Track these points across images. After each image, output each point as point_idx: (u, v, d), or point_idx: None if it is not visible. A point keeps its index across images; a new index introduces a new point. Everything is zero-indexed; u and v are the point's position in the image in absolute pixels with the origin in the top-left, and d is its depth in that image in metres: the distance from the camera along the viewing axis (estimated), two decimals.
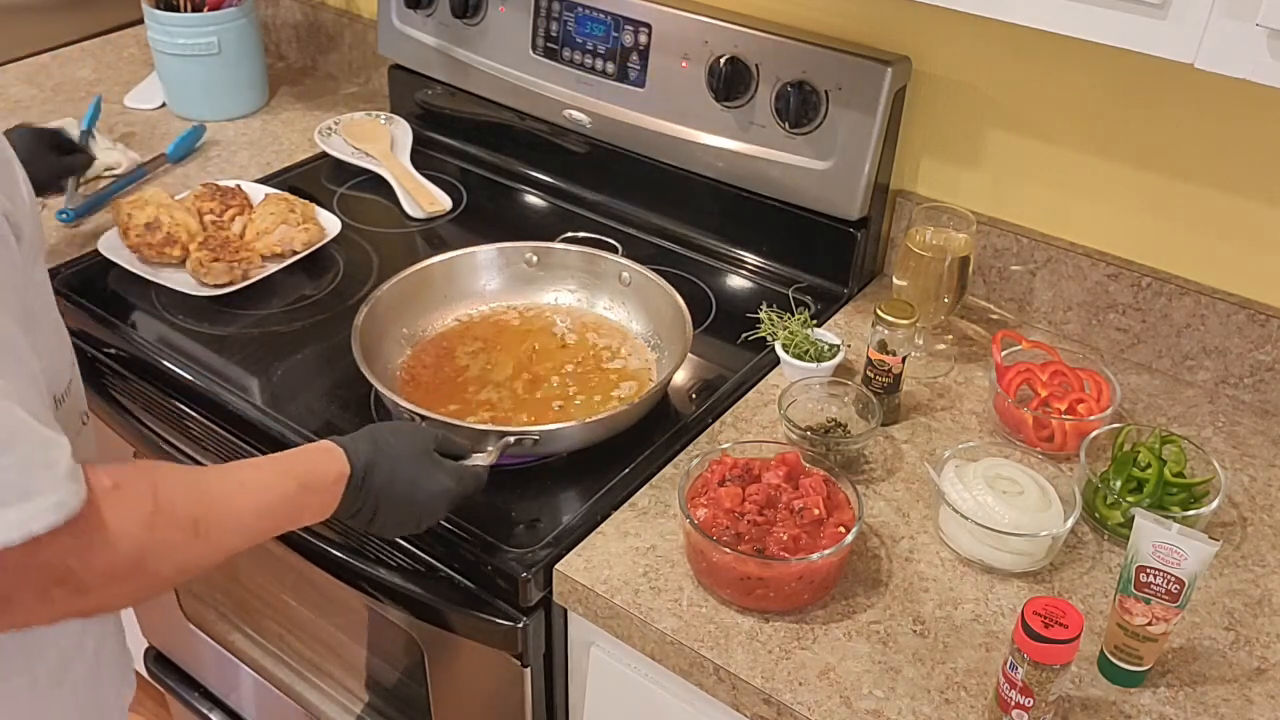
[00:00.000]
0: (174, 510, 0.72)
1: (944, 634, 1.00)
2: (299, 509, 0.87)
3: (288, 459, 0.89)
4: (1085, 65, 1.26)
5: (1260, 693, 0.96)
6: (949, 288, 1.30)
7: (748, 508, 1.02)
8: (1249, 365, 1.29)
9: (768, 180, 1.44)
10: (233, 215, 1.49)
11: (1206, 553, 0.90)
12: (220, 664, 1.63)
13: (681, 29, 1.43)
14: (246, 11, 1.80)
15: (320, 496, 0.89)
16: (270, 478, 0.85)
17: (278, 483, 0.85)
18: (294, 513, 0.87)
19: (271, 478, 0.85)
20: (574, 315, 1.38)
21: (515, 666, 1.12)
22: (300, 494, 0.87)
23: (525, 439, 1.11)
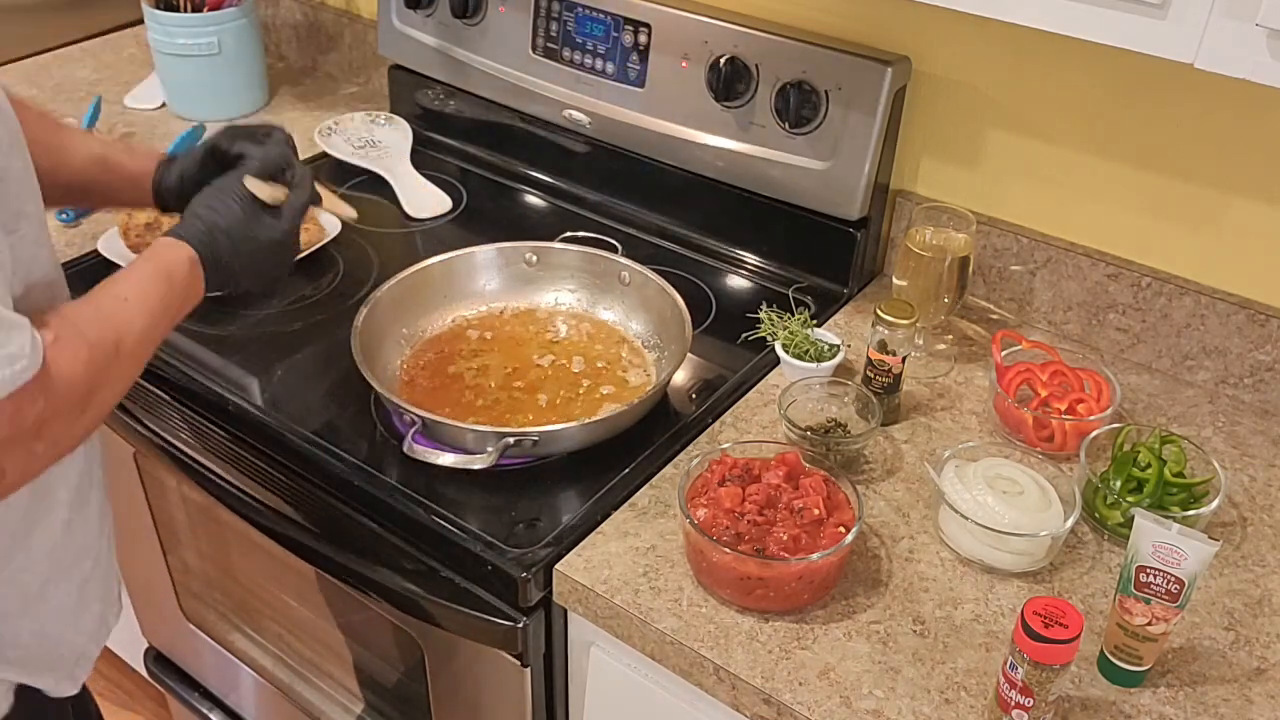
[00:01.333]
0: (100, 342, 0.82)
1: (944, 634, 1.00)
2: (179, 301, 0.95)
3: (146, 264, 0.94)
4: (1085, 65, 1.26)
5: (1260, 693, 0.96)
6: (949, 288, 1.30)
7: (748, 508, 1.02)
8: (1249, 365, 1.29)
9: (768, 180, 1.44)
10: None
11: (1206, 553, 0.90)
12: (220, 664, 1.63)
13: (681, 29, 1.43)
14: (246, 11, 1.80)
15: (188, 284, 0.96)
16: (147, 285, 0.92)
17: (154, 287, 0.92)
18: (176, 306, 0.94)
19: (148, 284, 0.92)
20: (574, 315, 1.38)
21: (515, 666, 1.12)
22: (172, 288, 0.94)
23: (525, 440, 1.12)
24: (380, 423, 1.21)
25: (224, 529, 1.43)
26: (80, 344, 0.80)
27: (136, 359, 0.88)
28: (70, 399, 0.78)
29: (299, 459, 1.19)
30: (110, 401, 0.85)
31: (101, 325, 0.84)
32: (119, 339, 0.84)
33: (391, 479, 1.15)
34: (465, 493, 1.13)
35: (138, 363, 0.89)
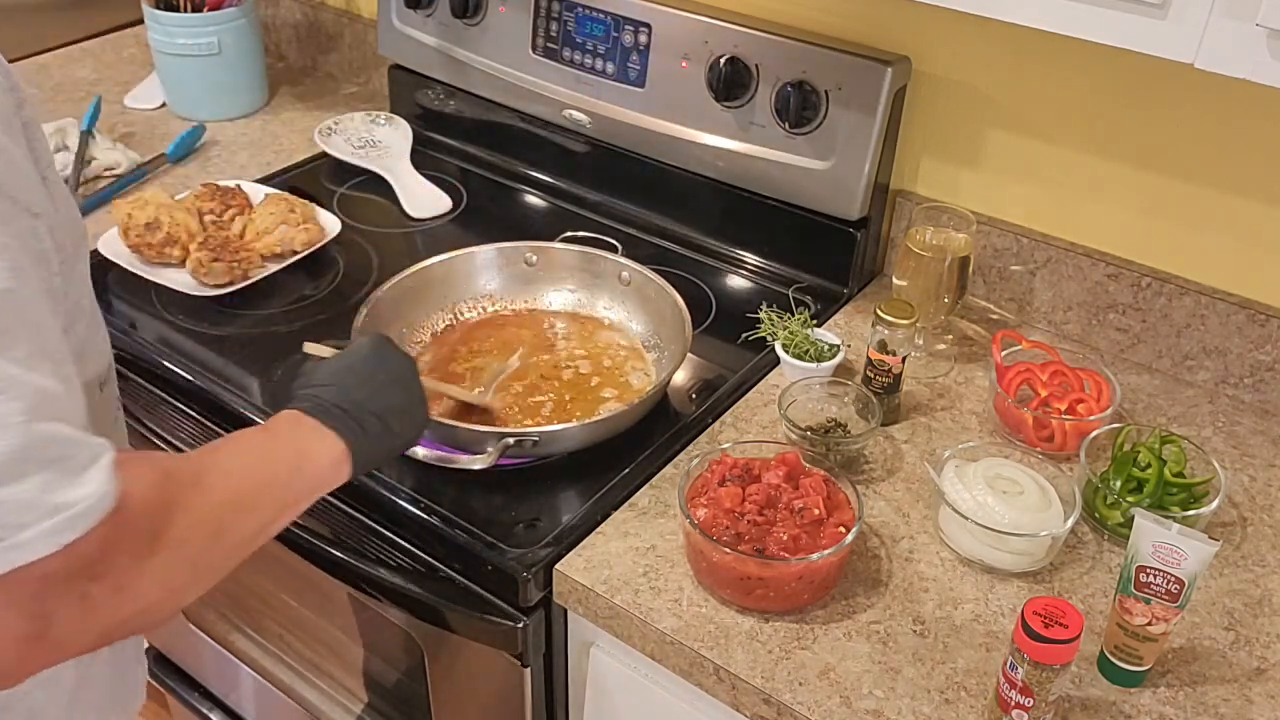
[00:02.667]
0: (176, 472, 0.72)
1: (944, 634, 1.00)
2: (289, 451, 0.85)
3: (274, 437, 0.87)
4: (1085, 65, 1.26)
5: (1260, 693, 0.96)
6: (949, 288, 1.30)
7: (748, 508, 1.02)
8: (1249, 365, 1.29)
9: (768, 180, 1.44)
10: (233, 215, 1.49)
11: (1206, 553, 0.90)
12: (220, 664, 1.63)
13: (681, 29, 1.43)
14: (246, 11, 1.80)
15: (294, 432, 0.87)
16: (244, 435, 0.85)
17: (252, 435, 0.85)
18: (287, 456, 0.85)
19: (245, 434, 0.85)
20: (574, 315, 1.38)
21: (515, 666, 1.12)
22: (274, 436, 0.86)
23: (525, 440, 1.12)
24: None
25: None
26: (150, 469, 0.70)
27: (230, 503, 0.76)
28: (134, 531, 0.66)
29: None
30: (197, 546, 0.72)
31: (181, 460, 0.76)
32: (199, 473, 0.74)
33: (391, 479, 1.15)
34: (465, 493, 1.13)
35: (233, 509, 0.76)
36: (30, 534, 0.60)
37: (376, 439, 0.91)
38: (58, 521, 0.60)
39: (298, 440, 0.86)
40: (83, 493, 0.62)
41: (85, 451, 0.64)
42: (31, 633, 0.63)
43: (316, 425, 0.87)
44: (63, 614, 0.63)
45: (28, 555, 0.60)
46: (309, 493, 0.86)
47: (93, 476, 0.63)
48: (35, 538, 0.60)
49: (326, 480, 0.87)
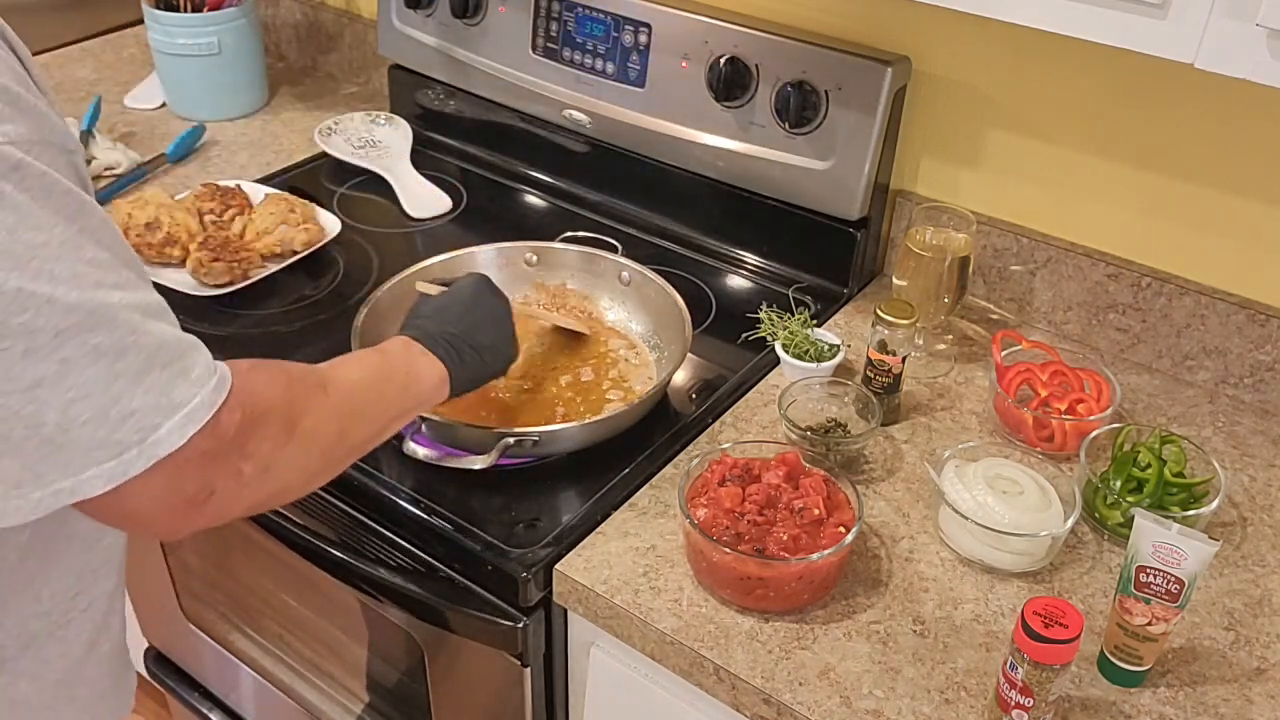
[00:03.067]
0: (303, 377, 0.83)
1: (944, 634, 1.00)
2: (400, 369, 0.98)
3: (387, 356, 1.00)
4: (1085, 65, 1.26)
5: (1260, 693, 0.96)
6: (949, 288, 1.30)
7: (748, 508, 1.02)
8: (1249, 365, 1.29)
9: (768, 180, 1.44)
10: (233, 215, 1.49)
11: (1206, 553, 0.90)
12: (220, 664, 1.63)
13: (681, 29, 1.43)
14: (246, 11, 1.80)
15: (404, 354, 1.00)
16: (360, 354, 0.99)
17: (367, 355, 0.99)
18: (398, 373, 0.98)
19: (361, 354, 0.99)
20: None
21: (515, 666, 1.12)
22: (387, 357, 0.99)
23: (525, 440, 1.12)
24: None
25: (224, 529, 1.43)
26: (279, 372, 0.81)
27: (352, 407, 0.88)
28: (271, 419, 0.77)
29: None
30: (326, 440, 0.84)
31: (306, 369, 0.85)
32: (325, 381, 0.85)
33: (391, 479, 1.15)
34: (465, 493, 1.13)
35: (355, 412, 0.89)
36: (164, 430, 0.69)
37: (472, 367, 1.05)
38: (181, 418, 0.70)
39: (408, 362, 1.00)
40: (196, 390, 0.71)
41: (188, 349, 0.72)
42: (197, 498, 0.73)
43: (423, 350, 1.01)
44: (221, 485, 0.74)
45: (162, 450, 0.69)
46: (415, 407, 1.00)
47: (202, 374, 0.72)
48: (167, 433, 0.69)
49: (429, 398, 1.01)
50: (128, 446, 0.68)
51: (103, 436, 0.67)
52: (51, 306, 0.64)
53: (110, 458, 0.68)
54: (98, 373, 0.66)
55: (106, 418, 0.67)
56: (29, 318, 0.63)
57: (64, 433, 0.66)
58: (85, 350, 0.66)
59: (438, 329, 1.04)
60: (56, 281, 0.64)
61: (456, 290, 1.12)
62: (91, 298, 0.66)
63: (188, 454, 0.71)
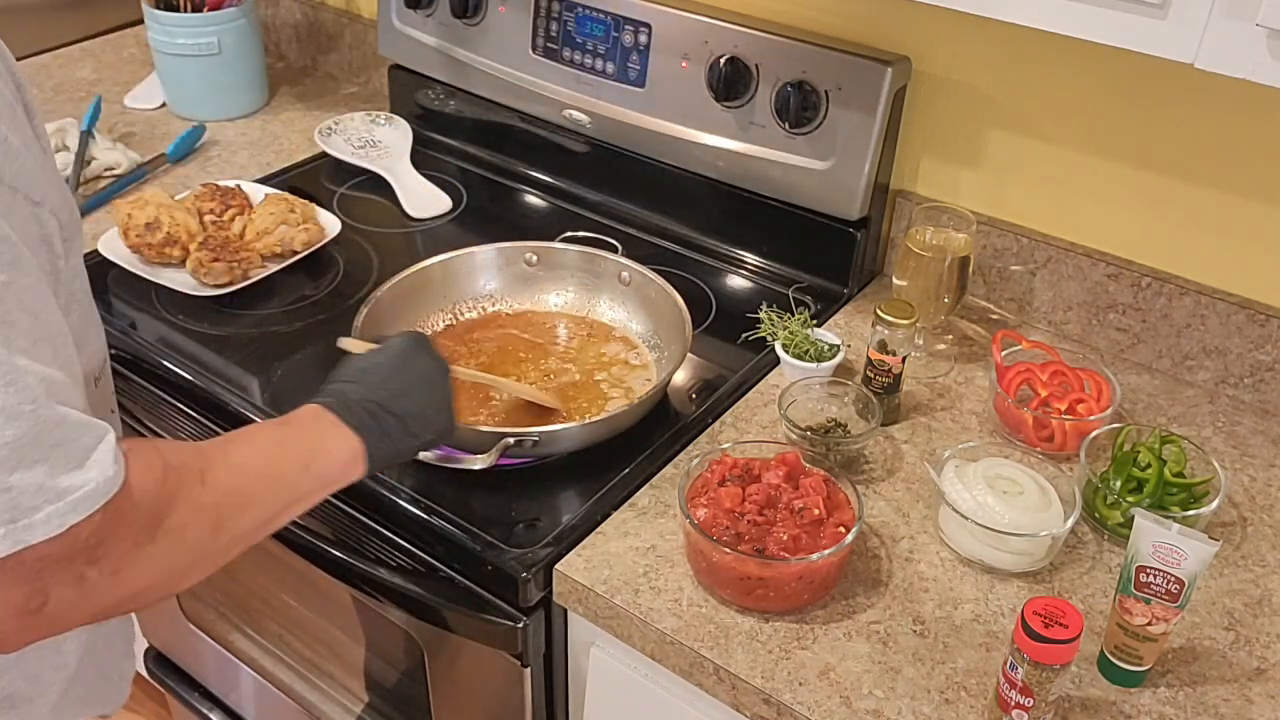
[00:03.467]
0: (181, 466, 0.74)
1: (944, 634, 1.00)
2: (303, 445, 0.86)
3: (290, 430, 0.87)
4: (1085, 65, 1.26)
5: (1260, 693, 0.96)
6: (949, 288, 1.30)
7: (748, 508, 1.02)
8: (1249, 365, 1.29)
9: (768, 180, 1.44)
10: (233, 215, 1.49)
11: (1206, 553, 0.90)
12: (220, 664, 1.63)
13: (681, 29, 1.43)
14: (246, 11, 1.80)
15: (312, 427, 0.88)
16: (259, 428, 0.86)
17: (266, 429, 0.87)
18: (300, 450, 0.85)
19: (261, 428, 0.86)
20: (574, 315, 1.38)
21: (515, 666, 1.12)
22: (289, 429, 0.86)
23: (525, 440, 1.12)
24: None
25: None
26: (154, 458, 0.72)
27: (236, 495, 0.78)
28: (133, 520, 0.68)
29: None
30: (197, 535, 0.74)
31: (188, 452, 0.76)
32: (206, 467, 0.75)
33: (392, 478, 1.15)
34: (465, 492, 1.13)
35: (236, 502, 0.78)
36: (40, 516, 0.62)
37: (394, 439, 0.91)
38: (64, 505, 0.63)
39: (313, 436, 0.87)
40: (88, 476, 0.64)
41: (89, 435, 0.66)
42: (29, 608, 0.65)
43: (335, 421, 0.88)
44: (59, 593, 0.66)
45: (36, 536, 0.62)
46: (318, 489, 0.87)
47: (98, 460, 0.65)
48: (44, 519, 0.62)
49: (337, 477, 0.88)
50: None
51: None
52: None
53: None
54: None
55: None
56: None
57: None
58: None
59: (357, 396, 0.91)
60: None
61: (384, 350, 0.99)
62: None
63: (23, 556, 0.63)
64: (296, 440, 0.86)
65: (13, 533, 0.62)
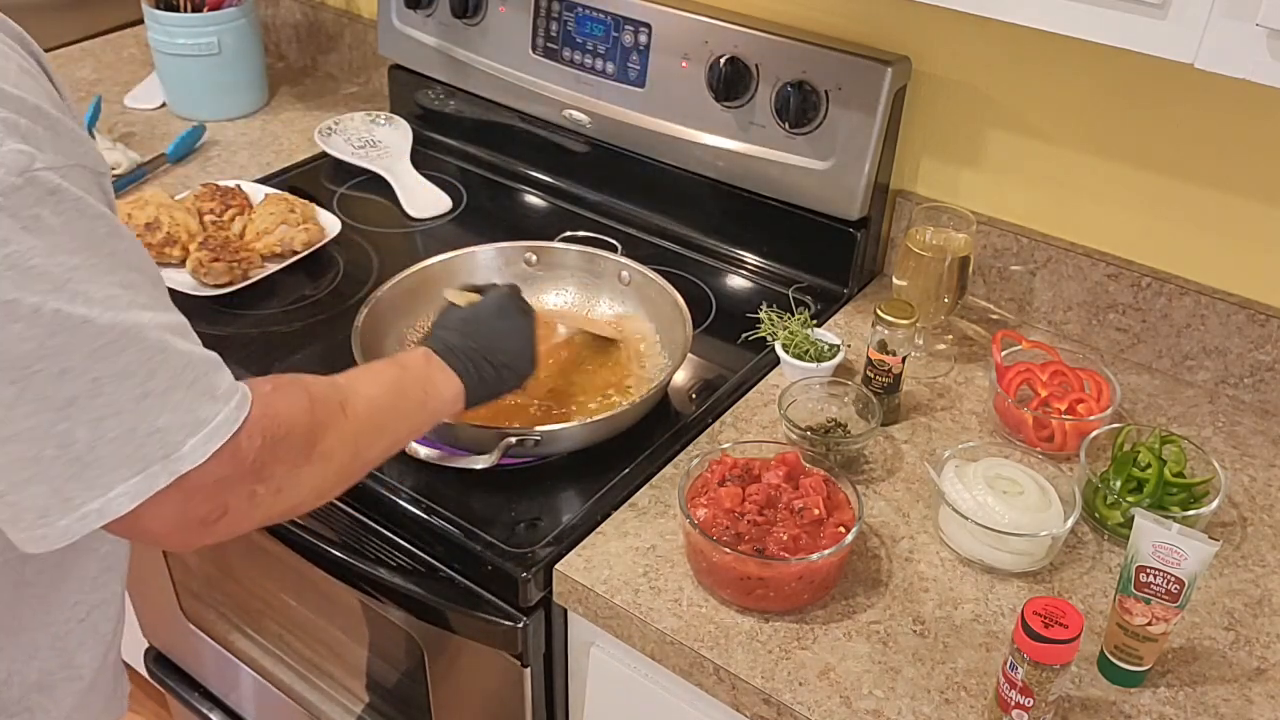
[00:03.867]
0: (324, 397, 0.84)
1: (944, 634, 1.00)
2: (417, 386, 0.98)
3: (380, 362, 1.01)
4: (1085, 65, 1.26)
5: (1260, 693, 0.96)
6: (949, 288, 1.30)
7: (748, 508, 1.02)
8: (1249, 365, 1.29)
9: (768, 180, 1.44)
10: (233, 215, 1.49)
11: (1206, 553, 0.90)
12: (220, 664, 1.63)
13: (681, 29, 1.43)
14: (246, 11, 1.80)
15: (424, 372, 1.00)
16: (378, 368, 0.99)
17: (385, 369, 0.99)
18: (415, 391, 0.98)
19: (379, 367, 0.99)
20: (574, 315, 1.38)
21: (515, 666, 1.12)
22: (405, 371, 0.99)
23: (527, 439, 1.12)
24: None
25: None
26: (301, 393, 0.81)
27: (370, 425, 0.88)
28: (290, 442, 0.78)
29: None
30: (341, 459, 0.84)
31: (327, 386, 0.86)
32: (345, 400, 0.85)
33: (392, 479, 1.15)
34: (465, 492, 1.13)
35: (372, 430, 0.89)
36: (186, 447, 0.70)
37: (489, 383, 1.05)
38: (204, 434, 0.71)
39: (426, 377, 1.00)
40: (217, 407, 0.72)
41: (212, 367, 0.74)
42: (210, 519, 0.75)
43: (442, 365, 1.01)
44: (235, 505, 0.76)
45: (185, 465, 0.70)
46: (430, 421, 1.01)
47: (225, 389, 0.73)
48: (190, 450, 0.71)
49: (445, 412, 1.01)
50: (152, 461, 0.69)
51: (129, 453, 0.69)
52: (86, 327, 0.66)
53: (135, 473, 0.69)
54: (127, 390, 0.68)
55: (134, 434, 0.68)
56: (65, 339, 0.65)
57: (92, 450, 0.67)
58: (116, 369, 0.67)
59: (459, 343, 1.04)
60: (91, 303, 0.66)
61: (484, 304, 1.12)
62: (123, 319, 0.68)
63: (204, 476, 0.72)
64: (413, 380, 0.98)
65: (168, 465, 0.70)
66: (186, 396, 0.71)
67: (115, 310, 0.67)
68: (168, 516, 0.72)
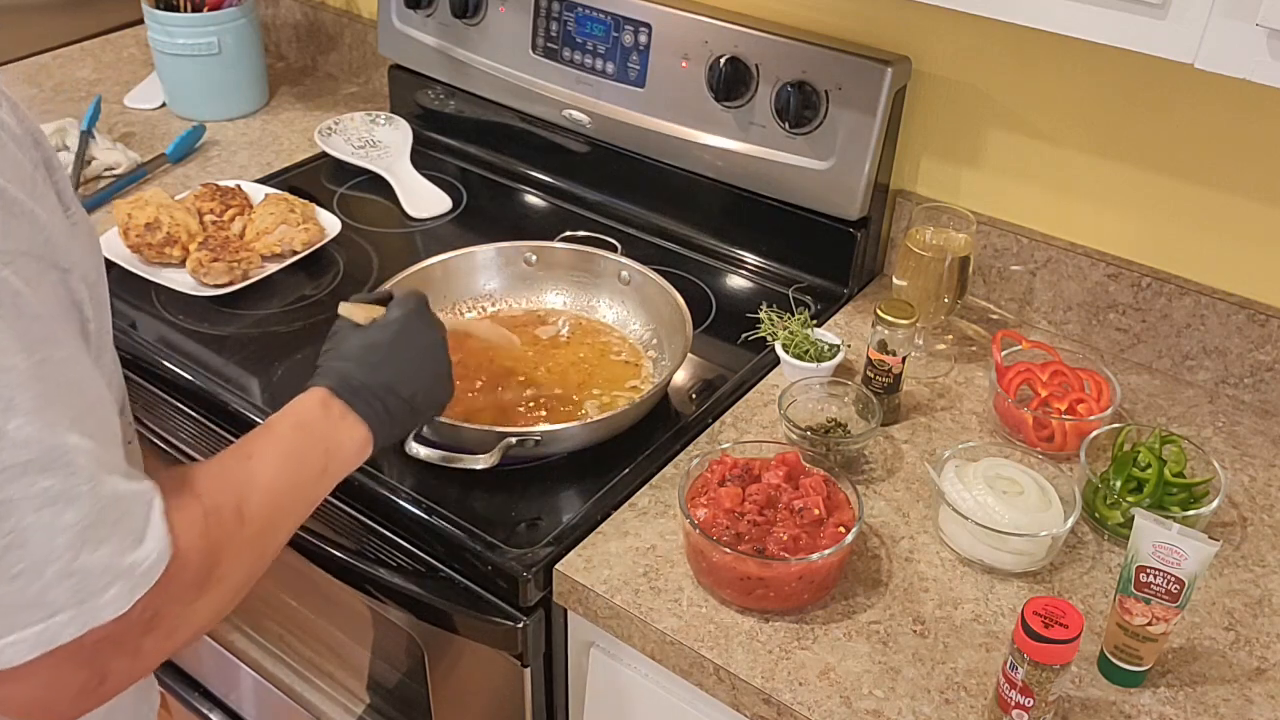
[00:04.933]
0: (217, 507, 0.73)
1: (944, 634, 1.00)
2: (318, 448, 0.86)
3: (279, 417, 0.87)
4: (1085, 65, 1.26)
5: (1260, 693, 0.96)
6: (949, 288, 1.30)
7: (748, 508, 1.02)
8: (1249, 365, 1.29)
9: (768, 180, 1.44)
10: (233, 215, 1.49)
11: (1206, 553, 0.90)
12: (220, 664, 1.63)
13: (681, 29, 1.43)
14: (246, 11, 1.80)
15: (326, 425, 0.87)
16: (277, 434, 0.85)
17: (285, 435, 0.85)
18: (317, 454, 0.85)
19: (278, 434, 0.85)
20: (573, 315, 1.38)
21: (515, 666, 1.12)
22: (307, 433, 0.86)
23: (528, 440, 1.12)
24: None
25: None
26: (195, 512, 0.70)
27: (268, 523, 0.78)
28: (183, 580, 0.68)
29: None
30: (237, 578, 0.74)
31: (219, 486, 0.75)
32: (240, 501, 0.75)
33: (392, 479, 1.15)
34: (465, 492, 1.13)
35: (271, 528, 0.79)
36: (109, 595, 0.62)
37: (399, 421, 0.92)
38: (131, 581, 0.63)
39: (326, 432, 0.87)
40: (148, 549, 0.64)
41: (141, 505, 0.65)
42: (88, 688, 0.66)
43: (344, 410, 0.88)
44: (117, 667, 0.66)
45: (105, 615, 0.62)
46: (332, 485, 0.88)
47: (154, 530, 0.65)
48: (112, 598, 0.62)
49: (350, 467, 0.89)
50: (60, 609, 0.60)
51: (34, 594, 0.60)
52: (2, 439, 0.58)
53: (39, 620, 0.60)
54: (41, 520, 0.59)
55: (41, 574, 0.60)
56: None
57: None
58: (33, 492, 0.59)
59: (362, 378, 0.90)
60: (13, 412, 0.59)
61: (386, 324, 0.97)
62: (48, 437, 0.60)
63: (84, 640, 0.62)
64: (312, 443, 0.86)
65: (80, 615, 0.61)
66: (111, 536, 0.62)
67: (39, 426, 0.59)
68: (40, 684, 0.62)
